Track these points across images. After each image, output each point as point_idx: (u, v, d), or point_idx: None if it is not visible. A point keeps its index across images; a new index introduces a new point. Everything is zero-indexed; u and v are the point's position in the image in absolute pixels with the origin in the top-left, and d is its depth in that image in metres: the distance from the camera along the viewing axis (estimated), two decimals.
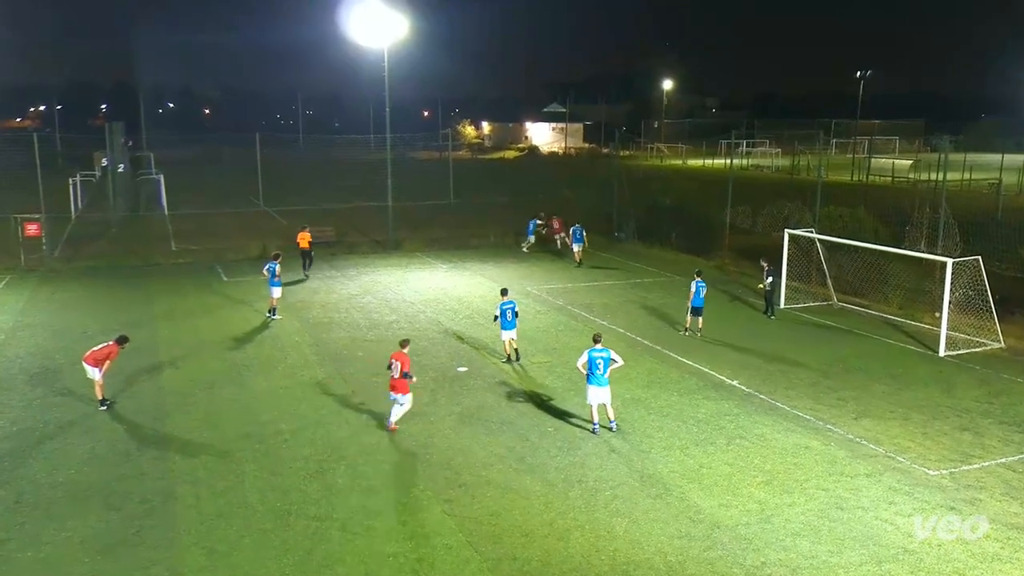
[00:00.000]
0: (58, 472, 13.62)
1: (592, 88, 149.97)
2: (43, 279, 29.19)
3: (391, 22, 36.44)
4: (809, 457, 14.32)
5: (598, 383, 15.07)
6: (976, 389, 17.94)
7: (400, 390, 15.11)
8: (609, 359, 15.13)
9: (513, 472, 13.65)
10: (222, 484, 13.19)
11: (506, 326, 19.30)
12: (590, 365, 15.10)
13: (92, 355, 16.41)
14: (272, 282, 23.41)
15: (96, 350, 16.53)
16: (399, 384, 15.06)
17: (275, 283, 23.45)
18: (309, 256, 29.88)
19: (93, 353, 16.45)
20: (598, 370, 15.04)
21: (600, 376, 15.04)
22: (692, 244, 34.07)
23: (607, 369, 15.09)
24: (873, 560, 11.05)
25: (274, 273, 23.30)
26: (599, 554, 11.18)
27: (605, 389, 15.15)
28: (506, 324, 19.28)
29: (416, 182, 50.48)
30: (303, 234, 29.73)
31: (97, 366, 16.35)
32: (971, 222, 25.84)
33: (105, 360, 16.40)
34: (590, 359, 15.11)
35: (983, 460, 14.22)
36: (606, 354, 15.16)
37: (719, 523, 12.01)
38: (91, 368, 16.37)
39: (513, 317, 19.28)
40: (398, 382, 15.05)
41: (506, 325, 19.29)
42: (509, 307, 19.25)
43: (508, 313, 19.22)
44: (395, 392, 15.14)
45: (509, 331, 19.35)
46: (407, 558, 11.07)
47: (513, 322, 19.30)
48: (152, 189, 49.53)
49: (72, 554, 11.17)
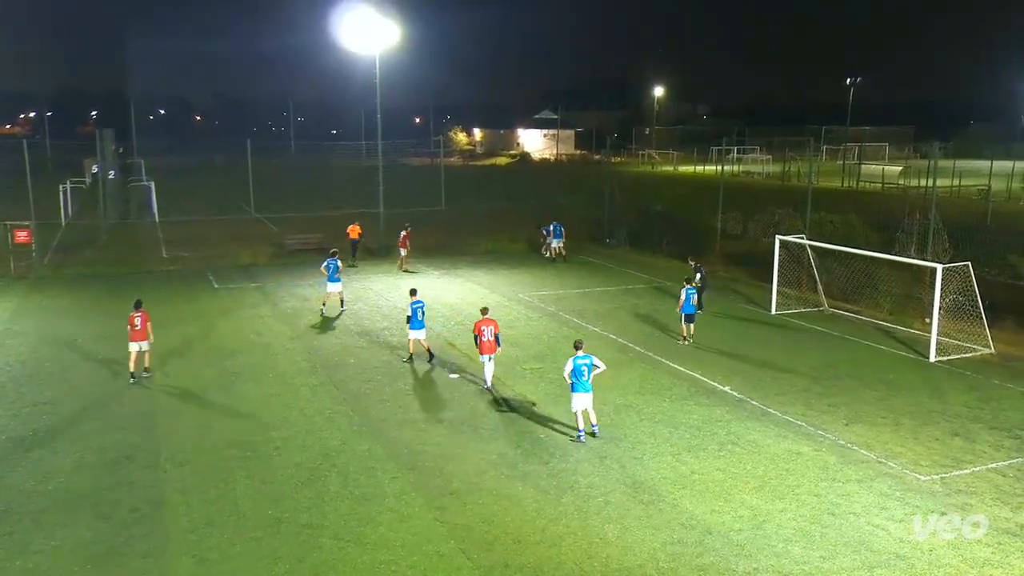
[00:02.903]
0: (47, 481, 13.53)
1: (584, 95, 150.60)
2: (32, 286, 29.01)
3: (382, 29, 36.47)
4: (801, 463, 14.34)
5: (584, 389, 15.14)
6: (966, 394, 18.00)
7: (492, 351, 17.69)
8: (592, 365, 15.19)
9: (505, 479, 13.63)
10: (213, 492, 13.12)
11: (415, 326, 19.72)
12: (575, 372, 15.13)
13: (135, 335, 18.27)
14: (332, 278, 24.75)
15: (135, 331, 18.27)
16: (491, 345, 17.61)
17: (335, 279, 24.81)
18: (356, 246, 33.46)
19: (134, 334, 18.26)
20: (583, 376, 15.09)
21: (585, 383, 15.11)
22: (683, 250, 34.14)
23: (591, 375, 15.17)
24: (865, 566, 11.06)
25: (336, 268, 24.83)
26: (591, 560, 11.17)
27: (589, 395, 15.23)
28: (415, 324, 19.69)
29: (407, 189, 50.46)
30: (353, 227, 33.49)
31: (145, 338, 18.37)
32: (961, 228, 26.03)
33: (145, 327, 18.34)
34: (575, 367, 15.15)
35: (974, 465, 14.26)
36: (589, 360, 15.22)
37: (711, 529, 12.01)
38: (141, 344, 18.41)
39: (423, 317, 19.75)
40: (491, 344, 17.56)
41: (415, 325, 19.70)
42: (419, 307, 19.71)
43: (419, 313, 19.67)
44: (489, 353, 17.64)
45: (418, 331, 19.81)
46: (399, 565, 11.04)
47: (422, 322, 19.75)
48: (143, 196, 49.37)
49: (61, 563, 11.10)
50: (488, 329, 17.57)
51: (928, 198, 26.40)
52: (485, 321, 17.75)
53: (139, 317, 18.36)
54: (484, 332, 17.54)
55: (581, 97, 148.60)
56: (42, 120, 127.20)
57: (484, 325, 17.63)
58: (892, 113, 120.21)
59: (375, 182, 37.38)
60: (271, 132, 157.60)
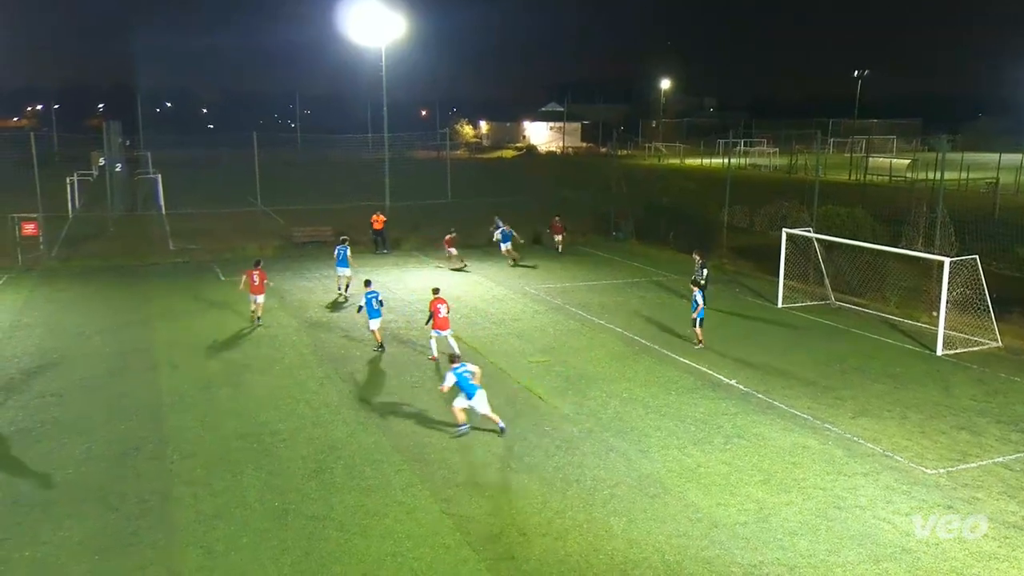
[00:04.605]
0: (56, 472, 13.60)
1: (590, 88, 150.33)
2: (41, 278, 29.16)
3: (389, 22, 36.54)
4: (807, 456, 14.33)
5: (476, 390, 14.90)
6: (973, 388, 17.97)
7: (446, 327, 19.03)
8: (470, 371, 15.05)
9: (511, 471, 13.65)
10: (220, 484, 13.18)
11: (373, 315, 20.05)
12: (462, 383, 14.88)
13: (254, 289, 22.13)
14: (340, 263, 25.75)
15: (255, 286, 22.11)
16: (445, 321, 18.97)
17: (343, 264, 25.76)
18: (382, 235, 34.17)
19: (253, 288, 22.11)
20: (472, 380, 14.91)
21: (475, 385, 14.90)
22: (690, 243, 34.09)
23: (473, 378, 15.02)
24: (871, 559, 11.07)
25: (344, 254, 25.75)
26: (597, 553, 11.19)
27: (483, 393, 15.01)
28: (372, 313, 20.02)
29: (413, 181, 50.46)
30: (377, 216, 34.39)
31: (262, 292, 22.35)
32: (969, 221, 25.89)
33: (262, 283, 22.25)
34: (460, 377, 14.89)
35: (980, 459, 14.24)
36: (465, 368, 15.08)
37: (717, 522, 12.02)
38: (257, 296, 22.28)
39: (379, 305, 20.11)
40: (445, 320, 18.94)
41: (372, 314, 20.03)
42: (373, 296, 20.10)
43: (373, 302, 20.05)
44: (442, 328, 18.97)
45: (377, 319, 20.15)
46: (405, 557, 11.08)
47: (379, 311, 20.12)
48: (149, 188, 49.49)
49: (70, 554, 11.17)
50: (443, 307, 19.08)
51: (936, 191, 26.25)
52: (438, 300, 19.18)
53: (257, 274, 22.24)
54: (440, 310, 18.99)
55: (587, 90, 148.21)
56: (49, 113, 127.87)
57: (439, 303, 19.07)
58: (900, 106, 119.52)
59: (381, 174, 37.37)
60: (277, 125, 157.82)
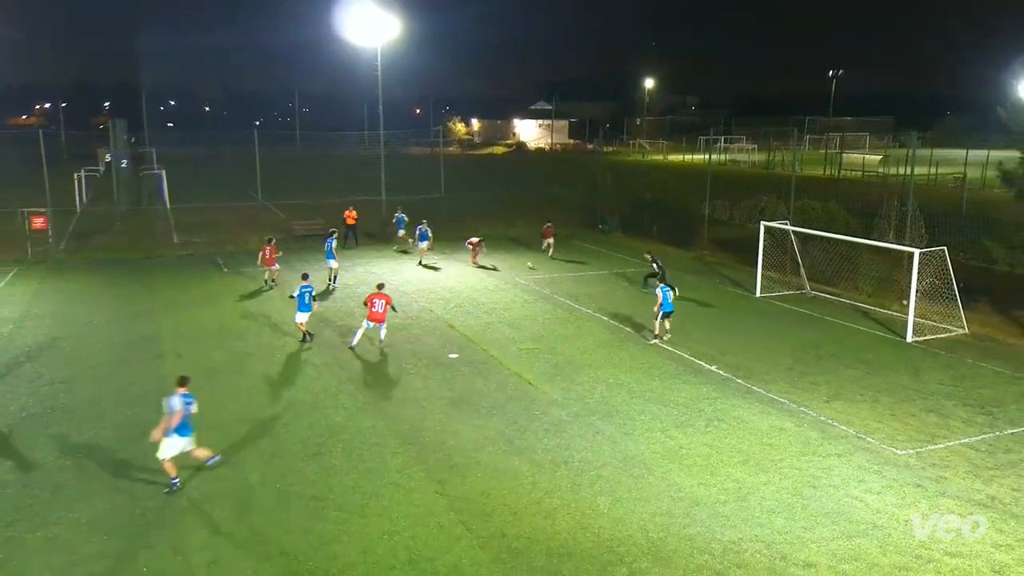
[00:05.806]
0: (65, 456, 13.95)
1: (578, 86, 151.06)
2: (49, 271, 29.49)
3: (384, 22, 37.13)
4: (784, 438, 14.90)
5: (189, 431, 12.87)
6: (941, 373, 18.64)
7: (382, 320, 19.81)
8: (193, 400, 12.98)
9: (502, 454, 14.13)
10: (223, 466, 13.54)
11: (303, 308, 20.33)
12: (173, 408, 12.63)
13: (267, 262, 25.63)
14: (328, 255, 26.83)
15: (267, 259, 25.69)
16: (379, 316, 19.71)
17: (330, 256, 26.85)
18: (353, 231, 34.91)
19: (266, 261, 25.66)
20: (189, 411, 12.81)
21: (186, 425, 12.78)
22: (673, 236, 34.79)
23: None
24: (844, 535, 11.56)
25: (331, 247, 26.90)
26: (584, 531, 11.63)
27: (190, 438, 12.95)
28: (303, 307, 20.32)
29: (408, 177, 50.79)
30: (350, 212, 34.99)
31: (274, 264, 25.86)
32: (937, 214, 26.67)
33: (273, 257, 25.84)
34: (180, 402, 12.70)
35: (948, 440, 14.84)
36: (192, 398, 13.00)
37: (698, 501, 12.50)
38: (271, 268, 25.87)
39: (310, 300, 20.37)
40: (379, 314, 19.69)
41: (303, 307, 20.32)
42: (307, 291, 20.36)
43: (306, 296, 20.31)
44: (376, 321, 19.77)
45: (304, 313, 20.38)
46: (401, 536, 11.48)
47: (309, 305, 20.36)
48: (154, 184, 49.74)
49: (79, 534, 11.52)
50: (379, 302, 19.75)
51: (906, 186, 27.00)
52: (377, 295, 19.90)
53: (268, 249, 25.75)
54: (375, 304, 19.73)
55: (575, 89, 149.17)
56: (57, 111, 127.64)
57: (376, 298, 19.81)
58: (873, 104, 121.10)
59: (377, 170, 37.79)
60: (277, 122, 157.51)
